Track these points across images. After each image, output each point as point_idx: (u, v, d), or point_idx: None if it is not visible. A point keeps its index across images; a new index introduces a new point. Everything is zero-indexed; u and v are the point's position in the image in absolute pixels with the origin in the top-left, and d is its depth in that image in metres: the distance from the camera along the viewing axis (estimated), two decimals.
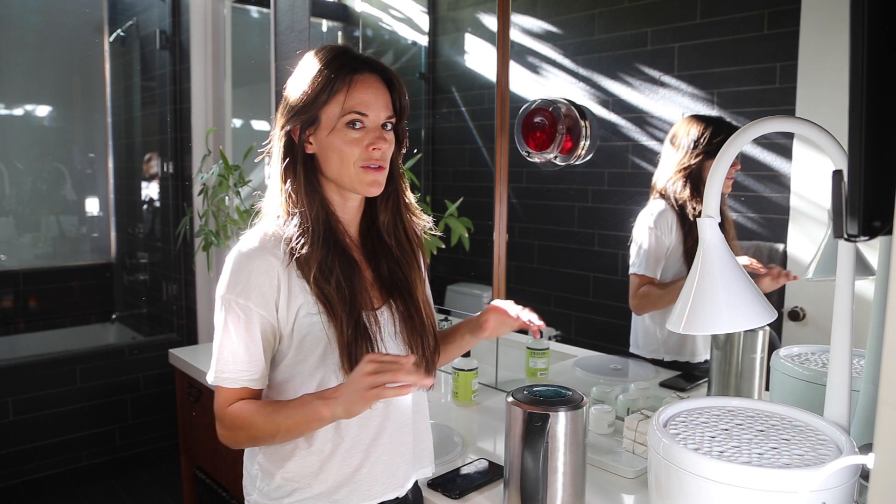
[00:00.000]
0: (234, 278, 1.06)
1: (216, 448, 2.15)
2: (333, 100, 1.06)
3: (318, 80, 1.07)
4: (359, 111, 1.07)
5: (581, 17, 1.92)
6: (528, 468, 1.14)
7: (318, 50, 1.12)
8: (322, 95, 1.06)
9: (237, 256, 1.07)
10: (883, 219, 0.75)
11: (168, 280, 3.66)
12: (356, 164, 1.08)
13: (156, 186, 3.77)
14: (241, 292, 1.05)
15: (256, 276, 1.05)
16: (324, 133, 1.08)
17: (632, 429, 1.46)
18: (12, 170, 4.06)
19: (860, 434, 0.98)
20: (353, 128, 1.07)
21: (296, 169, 1.10)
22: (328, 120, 1.07)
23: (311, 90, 1.07)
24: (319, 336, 1.07)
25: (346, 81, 1.07)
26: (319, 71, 1.07)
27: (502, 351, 2.01)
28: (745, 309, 0.89)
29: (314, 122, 1.08)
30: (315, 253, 1.06)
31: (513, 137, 1.90)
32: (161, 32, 3.46)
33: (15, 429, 3.16)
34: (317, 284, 1.06)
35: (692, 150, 1.57)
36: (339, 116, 1.07)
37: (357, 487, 1.12)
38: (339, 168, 1.08)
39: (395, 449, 1.16)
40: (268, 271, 1.05)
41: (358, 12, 2.65)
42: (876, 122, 0.72)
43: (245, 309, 1.05)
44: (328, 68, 1.07)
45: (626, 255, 1.73)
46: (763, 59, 1.47)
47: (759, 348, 1.40)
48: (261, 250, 1.06)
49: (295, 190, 1.09)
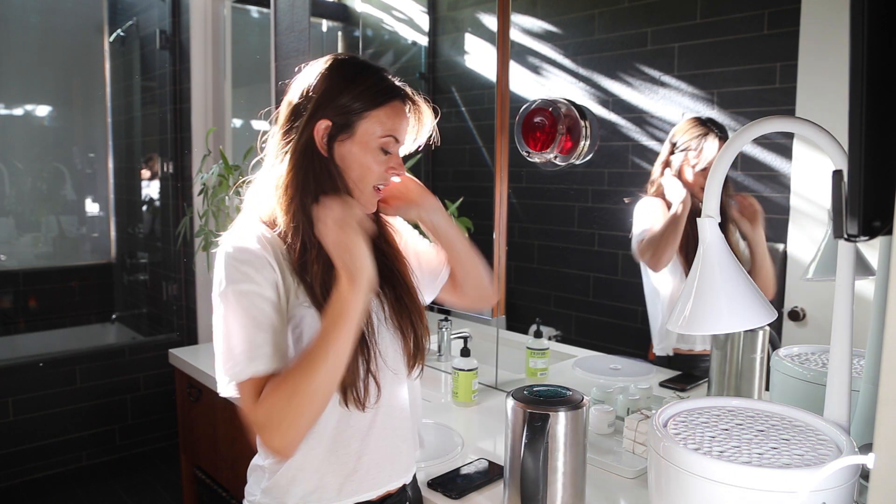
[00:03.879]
0: (230, 269, 1.02)
1: (216, 448, 2.15)
2: (373, 117, 1.06)
3: (364, 90, 1.06)
4: (396, 137, 1.09)
5: (581, 17, 1.92)
6: (528, 468, 1.14)
7: (355, 58, 1.11)
8: (365, 108, 1.06)
9: (228, 252, 1.03)
10: (883, 219, 0.75)
11: (168, 280, 3.66)
12: (371, 184, 1.09)
13: (156, 186, 3.77)
14: (244, 280, 1.01)
15: (256, 262, 1.02)
16: (356, 146, 1.07)
17: (632, 429, 1.46)
18: (12, 170, 4.06)
19: (860, 434, 0.98)
20: (384, 152, 1.08)
21: (315, 167, 1.07)
22: (365, 135, 1.07)
23: (352, 96, 1.05)
24: (311, 328, 1.05)
25: (391, 105, 1.08)
26: (366, 81, 1.07)
27: (502, 351, 2.02)
28: (745, 309, 0.89)
29: (348, 131, 1.06)
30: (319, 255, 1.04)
31: (513, 137, 1.90)
32: (161, 32, 3.46)
33: (15, 429, 3.16)
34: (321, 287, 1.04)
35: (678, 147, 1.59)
36: (378, 136, 1.07)
37: (364, 477, 1.12)
38: (357, 182, 1.08)
39: (394, 433, 1.15)
40: (265, 256, 1.03)
41: (358, 12, 2.65)
42: (876, 122, 0.72)
43: (253, 295, 1.01)
44: (377, 82, 1.07)
45: (626, 255, 1.73)
46: (763, 59, 1.47)
47: (759, 348, 1.40)
48: (251, 242, 1.04)
49: (315, 189, 1.06)
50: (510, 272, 2.03)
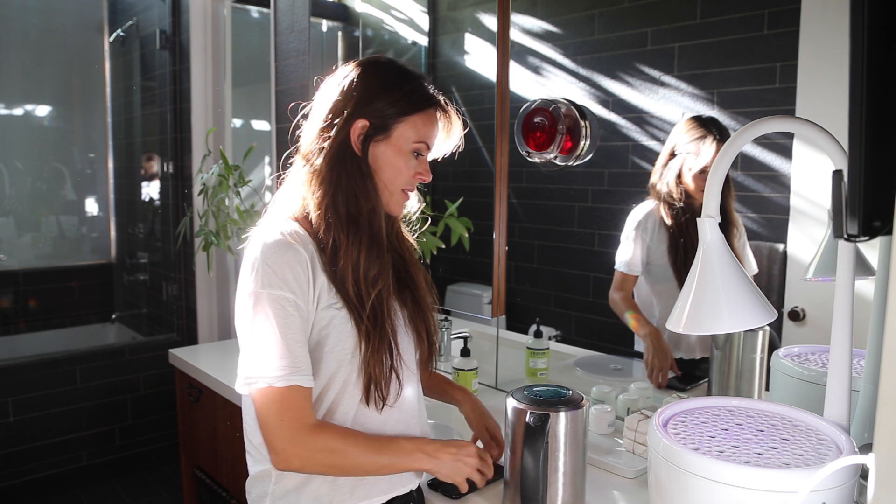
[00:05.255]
0: (266, 270, 1.01)
1: (216, 448, 2.15)
2: (409, 122, 1.09)
3: (403, 94, 1.09)
4: (428, 144, 1.12)
5: (581, 16, 1.92)
6: (528, 468, 1.14)
7: (393, 62, 1.15)
8: (403, 112, 1.08)
9: (265, 248, 1.03)
10: (883, 219, 0.75)
11: (168, 280, 3.66)
12: (401, 187, 1.12)
13: (156, 186, 3.77)
14: (278, 284, 1.00)
15: (291, 265, 1.02)
16: (391, 149, 1.09)
17: (632, 429, 1.46)
18: (12, 170, 4.06)
19: (860, 434, 0.98)
20: (415, 156, 1.12)
21: (348, 165, 1.08)
22: (400, 138, 1.09)
23: (392, 99, 1.08)
24: (339, 331, 1.07)
25: (427, 112, 1.11)
26: (406, 86, 1.10)
27: (502, 351, 2.02)
28: (745, 309, 0.89)
29: (385, 132, 1.09)
30: (368, 257, 1.07)
31: (513, 137, 1.90)
32: (161, 32, 3.46)
33: (15, 429, 3.16)
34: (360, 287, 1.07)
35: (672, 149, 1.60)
36: (412, 141, 1.10)
37: (376, 480, 1.13)
38: (387, 184, 1.11)
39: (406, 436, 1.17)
40: (300, 261, 1.03)
41: (358, 12, 2.65)
42: (876, 122, 0.72)
43: (283, 300, 1.00)
44: (417, 88, 1.10)
45: None
46: (763, 59, 1.47)
47: (759, 348, 1.40)
48: (288, 242, 1.04)
49: (348, 186, 1.08)
50: (510, 272, 2.03)
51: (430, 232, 2.07)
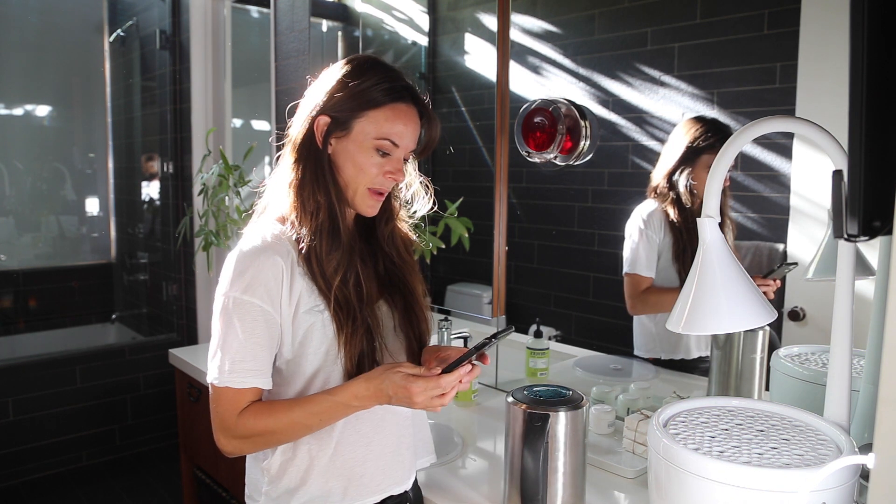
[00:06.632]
0: (238, 276, 1.04)
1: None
2: (370, 117, 1.06)
3: (362, 89, 1.06)
4: (393, 141, 1.07)
5: (581, 17, 1.92)
6: (528, 468, 1.14)
7: (369, 58, 1.11)
8: (361, 107, 1.06)
9: (240, 255, 1.06)
10: (883, 219, 0.75)
11: (168, 280, 3.66)
12: (366, 185, 1.09)
13: (156, 186, 3.77)
14: (246, 289, 1.03)
15: (262, 273, 1.03)
16: (351, 144, 1.07)
17: (632, 429, 1.46)
18: (12, 170, 4.05)
19: (860, 434, 0.98)
20: (379, 153, 1.08)
21: (312, 163, 1.08)
22: (360, 134, 1.07)
23: (350, 94, 1.06)
24: (321, 334, 1.07)
25: (390, 107, 1.07)
26: (366, 81, 1.06)
27: (502, 351, 2.01)
28: (745, 309, 0.89)
29: (344, 128, 1.07)
30: (327, 250, 1.07)
31: (513, 137, 1.90)
32: (161, 32, 3.46)
33: (15, 429, 3.16)
34: (325, 281, 1.06)
35: (683, 151, 1.58)
36: (372, 137, 1.07)
37: (368, 482, 1.13)
38: (350, 181, 1.09)
39: (398, 441, 1.16)
40: (272, 268, 1.04)
41: (358, 12, 2.65)
42: (876, 122, 0.72)
43: (250, 306, 1.03)
44: (377, 83, 1.06)
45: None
46: (763, 59, 1.47)
47: (759, 348, 1.40)
48: (264, 249, 1.05)
49: (310, 180, 1.07)
50: (510, 272, 2.03)
51: (431, 232, 2.07)
